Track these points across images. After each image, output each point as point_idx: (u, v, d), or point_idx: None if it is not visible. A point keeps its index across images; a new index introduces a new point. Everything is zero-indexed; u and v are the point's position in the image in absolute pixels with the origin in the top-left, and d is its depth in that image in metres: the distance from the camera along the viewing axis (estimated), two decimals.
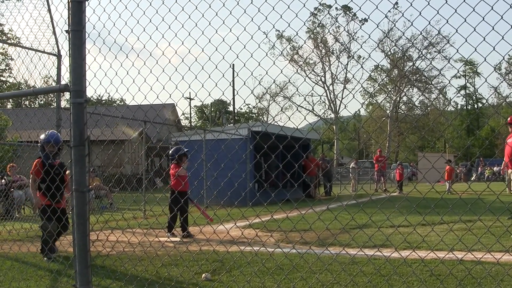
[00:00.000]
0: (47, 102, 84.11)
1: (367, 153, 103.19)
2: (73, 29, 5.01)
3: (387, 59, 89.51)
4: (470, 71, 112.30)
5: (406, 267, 8.53)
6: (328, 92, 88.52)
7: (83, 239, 4.94)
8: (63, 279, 8.32)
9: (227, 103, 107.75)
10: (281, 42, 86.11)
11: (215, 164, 21.37)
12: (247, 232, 13.48)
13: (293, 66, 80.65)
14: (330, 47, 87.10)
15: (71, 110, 4.96)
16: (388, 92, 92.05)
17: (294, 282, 7.72)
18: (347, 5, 76.19)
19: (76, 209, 4.95)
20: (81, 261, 4.95)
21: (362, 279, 7.80)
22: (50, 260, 9.79)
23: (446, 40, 67.95)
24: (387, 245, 10.32)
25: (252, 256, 9.59)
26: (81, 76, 4.98)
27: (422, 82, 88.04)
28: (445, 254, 8.77)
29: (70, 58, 5.00)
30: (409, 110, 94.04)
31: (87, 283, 4.98)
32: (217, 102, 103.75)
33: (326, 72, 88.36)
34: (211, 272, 8.57)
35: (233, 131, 26.90)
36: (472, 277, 7.50)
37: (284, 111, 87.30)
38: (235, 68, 60.06)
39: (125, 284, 7.84)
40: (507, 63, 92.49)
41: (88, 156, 5.01)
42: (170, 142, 32.09)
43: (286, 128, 21.56)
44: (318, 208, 19.40)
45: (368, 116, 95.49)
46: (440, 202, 13.44)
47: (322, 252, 9.29)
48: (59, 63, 14.95)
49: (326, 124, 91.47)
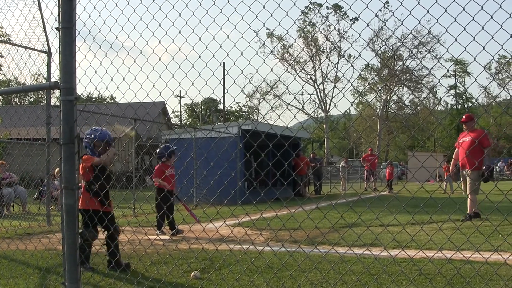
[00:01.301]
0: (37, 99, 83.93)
1: (357, 152, 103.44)
2: (63, 26, 5.01)
3: (378, 58, 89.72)
4: (460, 70, 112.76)
5: (395, 266, 8.54)
6: (318, 90, 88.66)
7: (72, 236, 4.94)
8: (52, 276, 8.30)
9: (217, 102, 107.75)
10: (271, 40, 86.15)
11: (205, 163, 21.42)
12: (236, 230, 13.48)
13: (284, 64, 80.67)
14: (321, 46, 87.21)
15: (61, 107, 4.96)
16: (378, 91, 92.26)
17: (283, 280, 7.73)
18: (338, 4, 76.60)
19: (65, 206, 4.94)
20: (70, 259, 4.95)
21: (351, 278, 7.81)
22: (87, 270, 8.65)
23: (436, 40, 68.00)
24: (376, 244, 10.33)
25: (242, 255, 9.60)
26: (71, 73, 4.97)
27: (412, 81, 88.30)
28: (434, 253, 8.78)
29: (60, 55, 5.00)
30: (399, 109, 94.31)
31: (76, 280, 4.98)
32: (207, 100, 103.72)
33: (316, 70, 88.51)
34: (200, 271, 8.57)
35: (223, 129, 26.91)
36: (461, 276, 7.52)
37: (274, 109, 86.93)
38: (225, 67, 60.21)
39: (114, 282, 7.82)
40: (497, 63, 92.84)
41: (78, 154, 5.01)
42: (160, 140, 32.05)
43: (276, 126, 21.55)
44: (308, 206, 19.42)
45: (358, 115, 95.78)
46: (429, 201, 13.49)
47: (312, 250, 9.29)
48: (49, 61, 14.94)
49: (316, 123, 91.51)
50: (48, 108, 14.77)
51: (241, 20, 5.31)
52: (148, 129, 45.48)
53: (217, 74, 5.48)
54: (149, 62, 5.82)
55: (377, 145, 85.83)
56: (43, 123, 14.76)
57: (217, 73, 10.28)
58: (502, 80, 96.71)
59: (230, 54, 5.34)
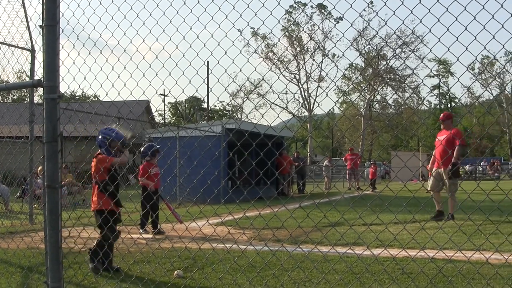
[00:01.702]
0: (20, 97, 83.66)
1: (341, 151, 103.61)
2: (47, 24, 5.00)
3: (361, 57, 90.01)
4: (444, 70, 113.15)
5: (378, 265, 8.58)
6: (302, 90, 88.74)
7: (55, 235, 4.93)
8: (35, 275, 8.28)
9: (201, 100, 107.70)
10: (255, 39, 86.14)
11: (188, 161, 21.38)
12: (219, 229, 13.47)
13: (268, 64, 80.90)
14: (305, 45, 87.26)
15: (44, 105, 4.94)
16: (362, 90, 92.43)
17: (266, 279, 7.74)
18: (322, 4, 76.56)
19: (48, 205, 4.93)
20: (53, 258, 4.94)
21: (334, 277, 7.82)
22: (97, 272, 8.31)
23: (420, 40, 68.26)
24: (359, 243, 10.36)
25: (224, 254, 9.60)
26: (55, 71, 4.96)
27: (395, 81, 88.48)
28: (416, 252, 8.81)
29: (44, 53, 4.99)
30: (383, 108, 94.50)
31: (58, 279, 4.97)
32: (191, 99, 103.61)
33: (300, 70, 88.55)
34: (183, 269, 8.57)
35: (207, 128, 26.89)
36: (443, 275, 7.55)
37: (258, 108, 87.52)
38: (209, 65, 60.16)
39: (96, 281, 7.81)
40: (480, 63, 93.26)
41: (61, 152, 4.99)
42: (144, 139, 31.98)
43: (260, 125, 21.55)
44: (291, 205, 19.42)
45: (341, 114, 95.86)
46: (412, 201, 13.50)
47: (294, 249, 9.31)
48: (33, 58, 14.89)
49: (299, 122, 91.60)
50: (31, 106, 14.72)
51: (225, 19, 5.32)
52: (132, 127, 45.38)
53: (201, 73, 5.47)
54: (133, 60, 5.81)
55: (360, 144, 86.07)
56: (26, 121, 14.71)
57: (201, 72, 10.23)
58: (485, 80, 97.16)
59: (214, 53, 5.34)
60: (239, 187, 24.76)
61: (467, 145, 15.27)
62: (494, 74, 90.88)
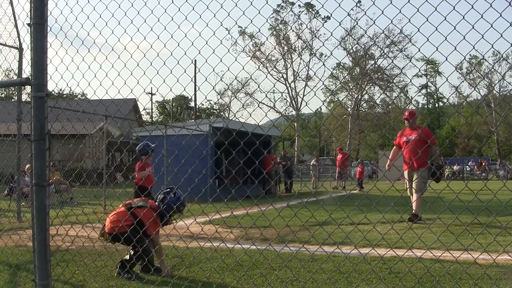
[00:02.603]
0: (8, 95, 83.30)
1: (328, 150, 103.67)
2: (35, 22, 4.99)
3: (349, 57, 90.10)
4: (432, 70, 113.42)
5: (365, 264, 8.60)
6: (289, 89, 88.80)
7: (43, 233, 4.93)
8: (22, 273, 8.26)
9: (188, 99, 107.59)
10: (243, 38, 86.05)
11: (175, 160, 21.35)
12: (207, 228, 13.47)
13: (255, 62, 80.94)
14: (292, 44, 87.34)
15: (32, 103, 4.94)
16: (349, 90, 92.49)
17: (253, 278, 7.75)
18: (310, 3, 76.73)
19: (36, 203, 4.93)
20: (41, 256, 4.94)
21: (322, 276, 7.84)
22: (130, 279, 8.05)
23: (408, 39, 68.39)
24: (347, 242, 10.38)
25: (212, 252, 9.60)
26: (43, 69, 4.96)
27: (383, 81, 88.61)
28: (404, 252, 8.84)
29: (31, 51, 4.98)
30: (370, 108, 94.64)
31: (46, 277, 4.97)
32: (179, 97, 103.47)
33: (288, 69, 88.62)
34: (171, 268, 8.58)
35: (195, 127, 26.88)
36: (431, 275, 7.57)
37: (245, 107, 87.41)
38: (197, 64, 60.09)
39: (84, 279, 7.81)
40: (468, 63, 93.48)
41: (48, 150, 5.00)
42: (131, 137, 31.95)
43: (247, 124, 21.57)
44: (278, 205, 19.46)
45: (329, 113, 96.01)
46: (399, 201, 13.56)
47: (282, 248, 9.31)
48: (21, 56, 14.85)
49: (287, 121, 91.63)
50: (19, 104, 14.68)
51: (213, 17, 5.33)
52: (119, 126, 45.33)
53: (188, 72, 5.47)
54: (121, 59, 5.81)
55: (348, 144, 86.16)
56: (14, 119, 14.68)
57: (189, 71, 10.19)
58: (473, 80, 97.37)
59: (202, 52, 5.35)
60: (226, 186, 24.75)
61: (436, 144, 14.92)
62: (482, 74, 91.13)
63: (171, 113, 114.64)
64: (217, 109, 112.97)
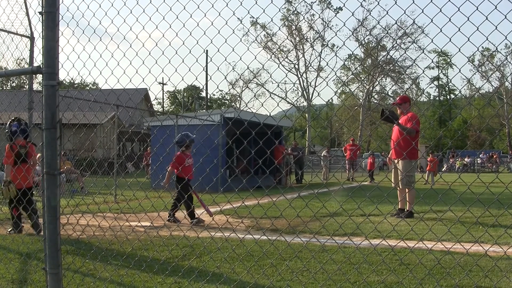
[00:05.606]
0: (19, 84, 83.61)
1: (339, 141, 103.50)
2: (46, 10, 4.97)
3: (361, 48, 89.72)
4: (444, 62, 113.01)
5: (376, 255, 8.58)
6: (301, 79, 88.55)
7: (54, 222, 4.92)
8: (33, 262, 8.28)
9: (200, 89, 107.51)
10: (255, 28, 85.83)
11: None
12: (218, 218, 13.48)
13: (267, 53, 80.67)
14: (304, 35, 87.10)
15: (43, 92, 4.92)
16: (361, 81, 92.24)
17: (264, 268, 7.73)
18: None
19: (46, 192, 4.92)
20: (51, 244, 4.93)
21: (332, 267, 7.82)
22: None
23: (420, 30, 68.01)
24: (358, 233, 10.37)
25: (223, 242, 9.61)
26: (54, 58, 4.94)
27: (395, 72, 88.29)
28: (415, 243, 8.81)
29: (43, 40, 4.96)
30: (382, 99, 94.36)
31: (57, 266, 4.96)
32: (190, 87, 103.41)
33: (299, 59, 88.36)
34: (181, 258, 8.57)
35: (206, 117, 26.87)
36: (441, 266, 7.56)
37: (257, 98, 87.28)
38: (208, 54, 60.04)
39: (94, 268, 7.81)
40: (481, 55, 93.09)
41: (59, 139, 4.98)
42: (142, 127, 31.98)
43: (259, 115, 21.55)
44: (289, 195, 19.45)
45: (340, 104, 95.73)
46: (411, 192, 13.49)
47: (293, 239, 9.30)
48: (32, 45, 14.83)
49: (298, 112, 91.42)
50: (30, 93, 14.67)
51: (225, 7, 5.30)
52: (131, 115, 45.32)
53: (200, 61, 5.45)
54: (133, 48, 5.79)
55: (359, 135, 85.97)
56: (25, 108, 14.68)
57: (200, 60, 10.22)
58: (485, 73, 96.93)
59: (214, 41, 5.32)
60: (237, 176, 24.76)
61: (418, 132, 13.56)
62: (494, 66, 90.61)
63: (182, 103, 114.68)
64: (229, 99, 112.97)
